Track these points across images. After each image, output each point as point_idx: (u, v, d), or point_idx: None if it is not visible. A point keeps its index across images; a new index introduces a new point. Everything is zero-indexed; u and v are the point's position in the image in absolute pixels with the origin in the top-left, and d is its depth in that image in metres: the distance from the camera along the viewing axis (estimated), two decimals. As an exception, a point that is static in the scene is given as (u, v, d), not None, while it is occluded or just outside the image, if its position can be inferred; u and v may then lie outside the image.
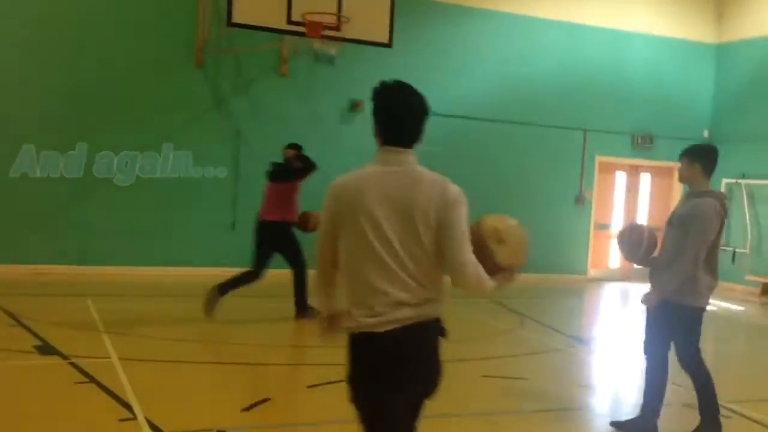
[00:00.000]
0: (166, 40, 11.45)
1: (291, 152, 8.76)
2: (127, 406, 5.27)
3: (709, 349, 8.10)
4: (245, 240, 11.95)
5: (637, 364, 6.69)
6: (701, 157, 5.07)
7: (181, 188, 11.52)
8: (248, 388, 6.26)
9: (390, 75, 12.87)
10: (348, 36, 9.25)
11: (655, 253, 5.20)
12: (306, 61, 11.93)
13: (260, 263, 8.38)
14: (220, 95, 11.74)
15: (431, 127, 3.12)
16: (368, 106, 3.14)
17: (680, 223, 4.99)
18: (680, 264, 4.87)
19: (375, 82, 3.11)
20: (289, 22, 9.39)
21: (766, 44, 14.02)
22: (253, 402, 5.56)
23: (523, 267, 3.22)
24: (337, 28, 9.19)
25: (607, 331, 10.29)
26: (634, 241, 5.20)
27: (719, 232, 4.96)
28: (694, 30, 14.76)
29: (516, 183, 13.42)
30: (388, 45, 9.85)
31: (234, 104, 11.82)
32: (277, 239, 8.49)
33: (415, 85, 3.08)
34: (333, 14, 9.43)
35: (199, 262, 11.49)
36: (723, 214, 4.98)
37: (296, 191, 8.63)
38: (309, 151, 12.21)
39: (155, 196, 11.38)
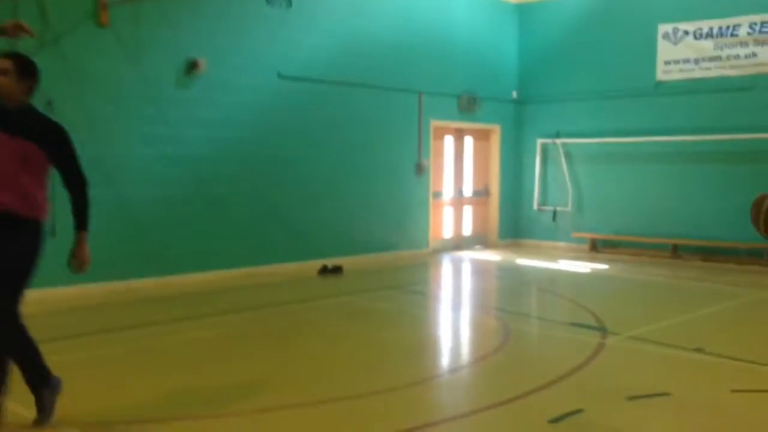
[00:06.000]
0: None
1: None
2: None
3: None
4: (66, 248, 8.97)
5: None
6: None
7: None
8: None
9: (231, 27, 10.35)
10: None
11: None
12: (131, 7, 9.23)
13: None
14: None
15: (277, 91, 1.92)
16: (210, 66, 1.85)
17: None
18: None
19: (215, 37, 1.83)
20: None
21: (566, 4, 14.27)
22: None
23: None
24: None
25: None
26: None
27: None
28: (498, -11, 14.56)
29: (361, 153, 12.05)
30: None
31: (40, 64, 8.69)
32: None
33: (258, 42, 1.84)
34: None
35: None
36: None
37: None
38: (140, 124, 9.60)
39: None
